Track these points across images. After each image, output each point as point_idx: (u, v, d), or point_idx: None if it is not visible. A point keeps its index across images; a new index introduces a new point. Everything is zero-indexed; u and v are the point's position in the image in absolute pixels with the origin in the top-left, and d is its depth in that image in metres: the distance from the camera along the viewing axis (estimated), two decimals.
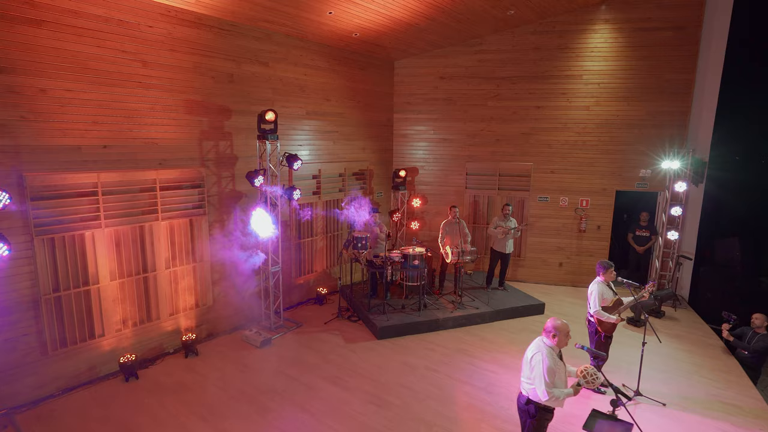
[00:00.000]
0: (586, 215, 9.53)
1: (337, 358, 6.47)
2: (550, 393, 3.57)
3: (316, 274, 8.76)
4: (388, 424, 4.98)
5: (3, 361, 4.93)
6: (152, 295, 6.19)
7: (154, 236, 6.09)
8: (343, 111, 8.92)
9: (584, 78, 9.18)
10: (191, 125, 6.37)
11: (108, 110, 5.48)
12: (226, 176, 6.89)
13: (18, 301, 4.98)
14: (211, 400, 5.35)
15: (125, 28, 5.52)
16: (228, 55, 6.71)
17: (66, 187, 5.22)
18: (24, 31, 4.76)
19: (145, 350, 6.14)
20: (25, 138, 4.87)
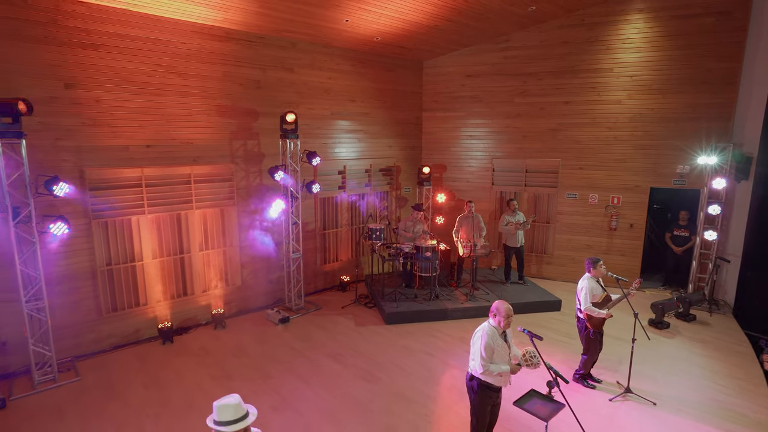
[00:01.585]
0: (617, 213, 9.22)
1: (344, 338, 7.06)
2: (485, 366, 3.86)
3: (341, 263, 9.43)
4: (371, 396, 5.47)
5: (69, 319, 6.14)
6: (187, 274, 7.22)
7: (189, 223, 7.10)
8: (369, 111, 9.48)
9: (615, 71, 8.90)
10: (222, 127, 7.30)
11: (150, 115, 6.53)
12: (253, 171, 7.76)
13: (80, 271, 6.17)
14: (225, 364, 6.20)
15: (164, 46, 6.53)
16: (255, 63, 7.56)
17: (116, 179, 6.34)
18: (83, 54, 5.89)
19: (180, 320, 7.18)
20: (84, 140, 6.02)
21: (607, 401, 5.39)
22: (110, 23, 6.04)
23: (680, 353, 6.65)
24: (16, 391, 5.44)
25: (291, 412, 5.15)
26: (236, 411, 2.28)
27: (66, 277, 6.02)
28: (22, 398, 5.33)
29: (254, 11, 6.68)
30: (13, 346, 5.69)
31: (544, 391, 3.89)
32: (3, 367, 5.70)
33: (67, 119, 5.85)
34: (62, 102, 5.80)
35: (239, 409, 2.30)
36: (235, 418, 2.26)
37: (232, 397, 2.32)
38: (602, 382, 5.79)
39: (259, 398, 5.39)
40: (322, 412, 5.17)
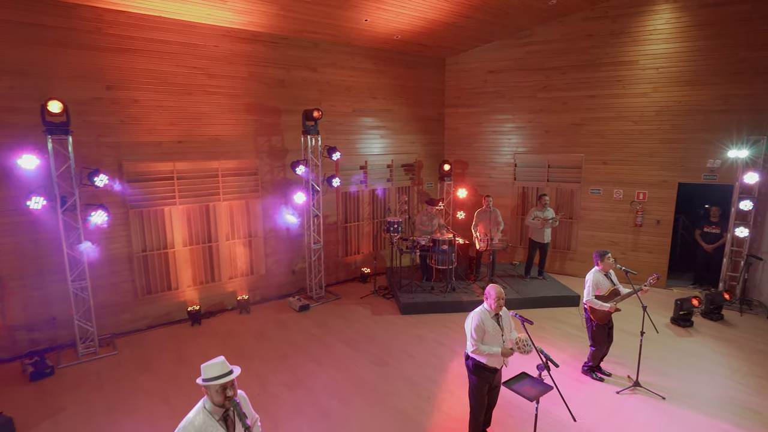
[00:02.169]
0: (643, 209, 9.01)
1: (360, 326, 7.34)
2: (476, 345, 4.03)
3: (362, 255, 9.73)
4: (379, 379, 5.72)
5: (109, 299, 6.76)
6: (215, 261, 7.73)
7: (217, 214, 7.60)
8: (391, 108, 9.72)
9: (641, 63, 8.70)
10: (248, 124, 7.75)
11: (182, 113, 7.06)
12: (277, 166, 8.19)
13: (118, 256, 6.77)
14: (246, 345, 6.63)
15: (195, 49, 7.04)
16: (279, 63, 7.97)
17: (151, 173, 6.90)
18: (123, 58, 6.47)
19: (208, 304, 7.70)
20: (123, 136, 6.61)
21: (614, 394, 5.38)
22: (147, 30, 6.60)
23: (700, 350, 6.49)
24: (63, 360, 6.08)
25: (302, 390, 5.48)
26: (222, 368, 2.59)
27: (106, 261, 6.63)
28: (68, 367, 5.96)
29: (276, 14, 7.07)
30: (61, 322, 6.34)
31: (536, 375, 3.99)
32: (53, 340, 6.37)
33: (108, 118, 6.45)
34: (104, 102, 6.40)
35: (224, 366, 2.60)
36: (221, 373, 2.56)
37: (218, 358, 2.63)
38: (612, 376, 5.77)
39: (275, 376, 5.77)
40: (331, 390, 5.47)
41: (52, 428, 4.75)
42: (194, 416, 2.58)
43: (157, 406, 5.07)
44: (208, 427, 2.56)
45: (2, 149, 5.70)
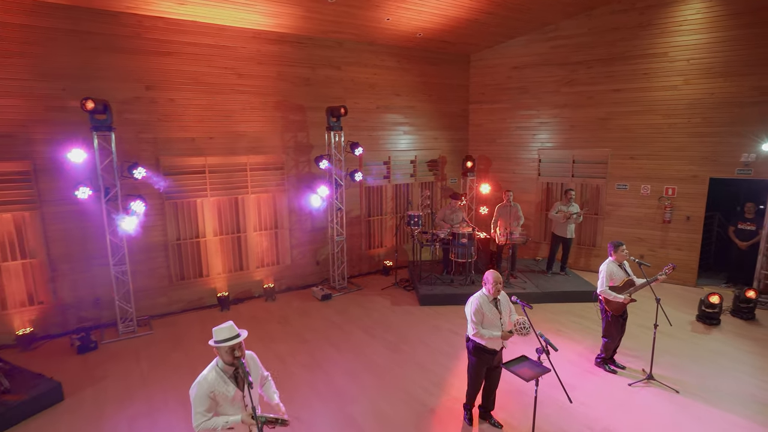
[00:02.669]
0: (672, 204, 8.78)
1: (378, 315, 7.59)
2: (477, 329, 4.18)
3: (385, 248, 9.97)
4: (392, 364, 5.94)
5: (146, 284, 7.32)
6: (243, 251, 8.18)
7: (245, 206, 8.05)
8: (414, 104, 9.91)
9: (670, 55, 8.49)
10: (275, 121, 8.16)
11: (213, 111, 7.53)
12: (302, 161, 8.56)
13: (154, 244, 7.32)
14: (269, 330, 7.01)
15: (226, 50, 7.50)
16: (305, 62, 8.33)
17: (184, 167, 7.41)
18: (161, 61, 7.00)
19: (237, 292, 8.16)
20: (160, 133, 7.14)
21: (626, 386, 5.37)
22: (182, 34, 7.11)
23: (723, 348, 6.32)
24: (106, 337, 6.66)
25: (319, 371, 5.78)
26: (230, 331, 2.89)
27: (144, 248, 7.19)
28: (110, 343, 6.53)
29: (302, 15, 7.42)
30: (104, 303, 6.94)
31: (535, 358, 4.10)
32: (97, 319, 6.97)
33: (146, 115, 6.99)
34: (143, 101, 6.95)
35: (233, 330, 2.91)
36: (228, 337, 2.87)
37: (227, 323, 2.95)
38: (626, 369, 5.74)
39: (294, 357, 6.10)
40: (346, 372, 5.74)
41: (95, 394, 5.26)
42: (207, 373, 2.91)
43: (185, 379, 5.49)
44: (219, 384, 2.87)
45: (54, 144, 6.31)
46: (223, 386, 2.87)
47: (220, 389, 2.86)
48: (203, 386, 2.85)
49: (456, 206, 8.86)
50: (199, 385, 2.86)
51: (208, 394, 2.83)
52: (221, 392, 2.86)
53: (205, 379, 2.87)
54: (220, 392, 2.85)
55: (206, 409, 2.83)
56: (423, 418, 4.82)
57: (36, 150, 6.29)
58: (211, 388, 2.84)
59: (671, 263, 5.55)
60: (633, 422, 4.68)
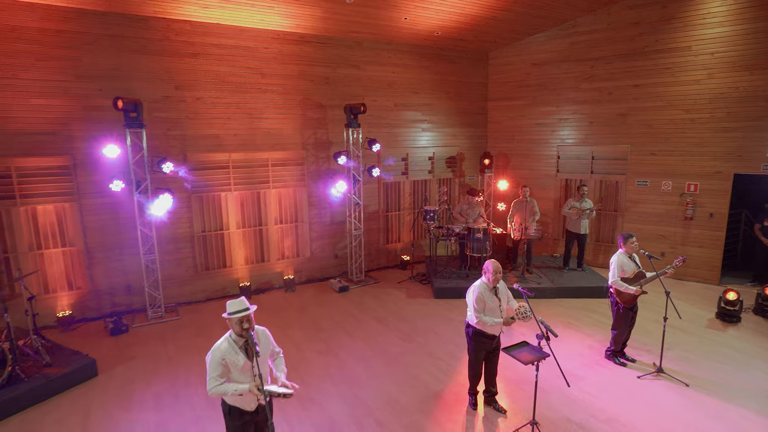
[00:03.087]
0: (694, 201, 8.62)
1: (393, 306, 7.79)
2: (478, 317, 4.33)
3: (402, 243, 10.15)
4: (403, 352, 6.13)
5: (174, 273, 7.75)
6: (265, 243, 8.53)
7: (267, 200, 8.40)
8: (432, 102, 10.06)
9: (693, 49, 8.35)
10: (295, 118, 8.47)
11: (237, 109, 7.90)
12: (322, 157, 8.84)
13: (181, 236, 7.75)
14: (288, 318, 7.31)
15: (249, 51, 7.85)
16: (325, 62, 8.62)
17: (210, 162, 7.81)
18: (189, 62, 7.41)
19: (258, 282, 8.51)
20: (188, 130, 7.56)
21: (635, 378, 5.38)
22: (209, 36, 7.50)
23: (740, 345, 6.22)
24: (137, 321, 7.11)
25: (331, 356, 6.03)
26: (240, 305, 3.16)
27: (172, 239, 7.62)
28: (140, 326, 6.97)
29: (321, 16, 7.70)
30: (135, 289, 7.40)
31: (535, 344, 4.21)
32: (129, 304, 7.45)
33: (175, 113, 7.42)
34: (172, 100, 7.38)
35: (243, 303, 3.18)
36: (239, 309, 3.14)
37: (239, 298, 3.23)
38: (636, 362, 5.74)
39: (309, 344, 6.38)
40: (358, 358, 5.96)
41: (125, 371, 5.68)
42: (221, 343, 3.18)
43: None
44: (231, 353, 3.14)
45: (91, 141, 6.79)
46: (233, 355, 3.14)
47: (231, 358, 3.12)
48: (216, 354, 3.12)
49: (473, 202, 8.96)
50: (213, 353, 3.14)
51: (220, 361, 3.10)
52: (232, 361, 3.12)
53: (218, 348, 3.15)
54: (231, 360, 3.12)
55: (219, 375, 3.10)
56: (429, 401, 5.00)
57: (75, 146, 6.79)
58: (223, 355, 3.11)
59: (682, 256, 5.51)
60: (638, 413, 4.72)
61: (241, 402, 3.24)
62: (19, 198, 6.54)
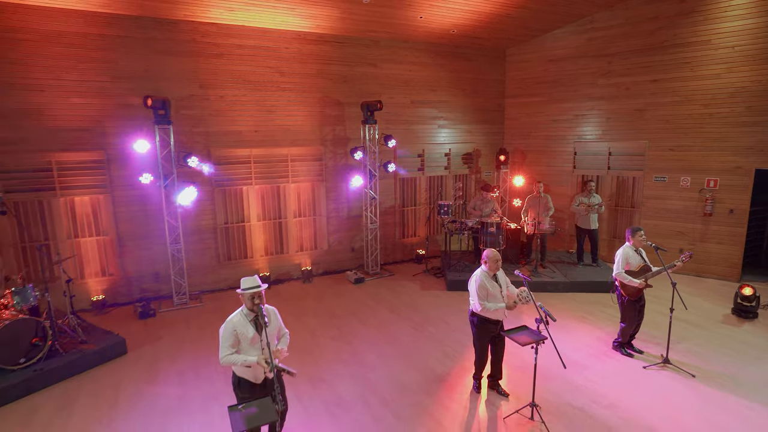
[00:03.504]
0: (713, 197, 8.51)
1: (406, 297, 8.00)
2: (482, 304, 4.51)
3: (418, 238, 10.35)
4: (413, 340, 6.34)
5: (198, 262, 8.17)
6: (284, 236, 8.88)
7: (286, 194, 8.75)
8: (449, 99, 10.22)
9: (713, 42, 8.25)
10: (314, 115, 8.79)
11: (258, 107, 8.27)
12: (340, 153, 9.14)
13: (205, 227, 8.17)
14: (304, 306, 7.62)
15: (270, 51, 8.21)
16: (343, 61, 8.90)
17: (232, 157, 8.20)
18: (213, 62, 7.82)
19: (278, 273, 8.87)
20: (211, 126, 7.97)
21: (640, 368, 5.44)
22: (232, 37, 7.89)
23: (754, 340, 6.17)
24: (163, 307, 7.56)
25: (344, 342, 6.30)
26: (253, 282, 3.47)
27: (196, 230, 8.05)
28: (166, 312, 7.41)
29: (339, 17, 7.98)
30: (162, 277, 7.85)
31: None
32: (156, 291, 7.91)
33: (200, 111, 7.84)
34: (197, 98, 7.80)
35: (255, 281, 3.48)
36: (251, 286, 3.44)
37: (252, 276, 3.53)
38: (644, 354, 5.78)
39: (323, 330, 6.67)
40: (369, 344, 6.21)
41: (152, 350, 6.10)
42: (234, 316, 3.49)
43: None
44: (242, 325, 3.44)
45: (123, 137, 7.26)
46: (244, 327, 3.43)
47: (242, 330, 3.42)
48: (229, 325, 3.43)
49: (487, 197, 9.07)
50: (226, 324, 3.44)
51: (232, 332, 3.40)
52: (243, 332, 3.42)
53: (231, 320, 3.46)
54: (241, 332, 3.42)
55: (231, 345, 3.40)
56: (434, 384, 5.20)
57: (108, 142, 7.28)
58: (235, 327, 3.41)
59: (689, 252, 5.51)
60: (640, 400, 4.79)
61: (249, 374, 3.53)
62: (59, 190, 7.07)
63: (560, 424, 4.43)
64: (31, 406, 4.85)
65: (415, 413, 4.66)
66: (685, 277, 8.74)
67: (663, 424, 4.40)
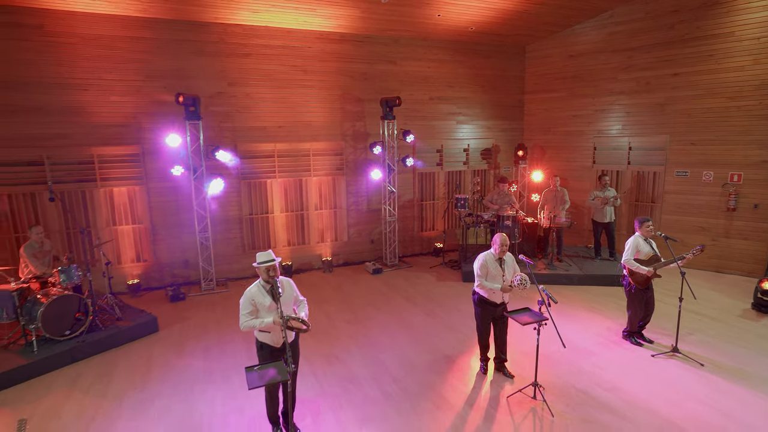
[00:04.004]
0: (737, 191, 8.37)
1: (422, 287, 8.23)
2: (479, 281, 4.73)
3: (436, 231, 10.56)
4: (425, 325, 6.58)
5: (224, 251, 8.65)
6: (306, 227, 9.27)
7: (308, 187, 9.13)
8: (467, 95, 10.38)
9: (738, 34, 8.12)
10: (335, 111, 9.14)
11: (282, 104, 8.68)
12: (360, 147, 9.45)
13: (232, 218, 8.63)
14: (323, 293, 7.97)
15: (294, 50, 8.61)
16: (364, 59, 9.22)
17: (257, 152, 8.64)
18: (240, 61, 8.27)
19: (299, 263, 9.26)
20: (238, 122, 8.43)
21: (648, 357, 5.50)
22: (258, 38, 8.32)
23: None
24: (192, 291, 8.06)
25: (359, 326, 6.60)
26: (267, 256, 3.81)
27: (223, 220, 8.52)
28: (194, 296, 7.90)
29: (359, 16, 8.29)
30: (191, 264, 8.36)
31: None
32: (186, 277, 8.43)
33: (227, 108, 8.31)
34: (225, 96, 8.27)
35: (270, 255, 3.82)
36: (267, 260, 3.79)
37: (267, 251, 3.87)
38: (654, 343, 5.82)
39: (339, 315, 6.99)
40: (383, 328, 6.49)
41: (180, 328, 6.57)
42: (251, 287, 3.85)
43: None
44: (259, 295, 3.79)
45: (156, 132, 7.79)
46: (261, 297, 3.77)
47: (259, 299, 3.76)
48: (247, 295, 3.78)
49: (503, 190, 9.19)
50: (245, 295, 3.80)
51: (250, 301, 3.75)
52: (260, 302, 3.76)
53: (249, 291, 3.81)
54: (259, 301, 3.76)
55: (249, 312, 3.76)
56: (443, 365, 5.42)
57: (144, 136, 7.83)
58: (252, 297, 3.76)
59: (700, 245, 5.51)
60: (644, 384, 4.88)
61: (269, 339, 3.88)
62: (99, 181, 7.65)
63: (562, 404, 4.58)
64: (75, 372, 5.37)
65: (422, 390, 4.90)
66: (707, 273, 8.62)
67: (665, 407, 4.49)
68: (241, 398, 4.78)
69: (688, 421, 4.29)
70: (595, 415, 4.39)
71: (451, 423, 4.34)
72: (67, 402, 4.78)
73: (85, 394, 4.92)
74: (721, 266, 8.70)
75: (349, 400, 4.73)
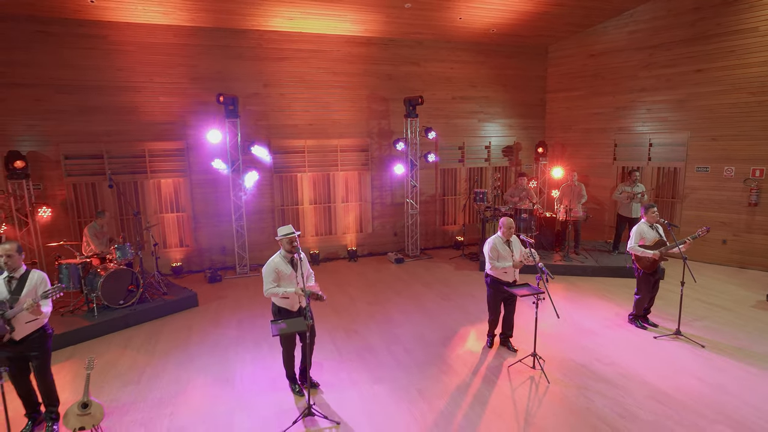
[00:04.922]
0: (759, 186, 8.36)
1: (441, 275, 8.67)
2: (492, 263, 5.14)
3: (458, 225, 10.96)
4: (438, 308, 7.02)
5: (257, 239, 9.37)
6: (333, 218, 9.89)
7: (335, 181, 9.76)
8: (489, 95, 10.76)
9: (761, 29, 8.16)
10: (361, 110, 9.74)
11: (312, 103, 9.36)
12: (384, 144, 10.01)
13: (265, 208, 9.36)
14: (347, 280, 8.54)
15: (323, 53, 9.28)
16: (389, 61, 9.79)
17: (289, 148, 9.34)
18: (275, 64, 9.01)
19: (326, 252, 9.89)
20: (272, 120, 9.16)
21: (650, 338, 5.74)
22: (292, 42, 9.04)
23: None
24: (228, 274, 8.82)
25: (378, 306, 7.12)
26: (289, 229, 4.39)
27: (257, 210, 9.26)
28: (230, 278, 8.66)
29: (384, 21, 8.87)
30: (228, 250, 9.13)
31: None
32: (223, 262, 9.21)
33: (262, 107, 9.06)
34: (261, 96, 9.02)
35: (290, 228, 4.40)
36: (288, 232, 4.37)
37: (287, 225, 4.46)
38: (658, 327, 6.04)
39: (361, 297, 7.53)
40: (400, 309, 6.98)
41: (217, 305, 7.30)
42: (274, 257, 4.44)
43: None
44: (281, 264, 4.38)
45: (199, 129, 8.61)
46: (283, 266, 4.36)
47: (281, 268, 4.36)
48: (271, 265, 4.38)
49: (522, 185, 9.50)
50: (268, 264, 4.40)
51: (273, 269, 4.34)
52: (282, 270, 4.35)
53: (272, 261, 4.41)
54: (281, 270, 4.35)
55: (272, 280, 4.35)
56: (452, 339, 5.87)
57: (188, 133, 8.67)
58: (275, 266, 4.36)
59: (706, 227, 5.73)
60: (642, 361, 5.15)
61: (287, 304, 4.46)
62: (149, 173, 8.54)
63: (559, 374, 4.93)
64: (128, 335, 6.16)
65: (431, 359, 5.36)
66: (730, 269, 8.63)
67: (660, 381, 4.76)
68: (269, 359, 5.39)
69: (678, 390, 4.56)
70: (590, 384, 4.72)
71: (455, 386, 4.78)
72: (122, 357, 5.54)
73: (137, 352, 5.67)
74: (743, 262, 8.69)
75: (363, 365, 5.26)
